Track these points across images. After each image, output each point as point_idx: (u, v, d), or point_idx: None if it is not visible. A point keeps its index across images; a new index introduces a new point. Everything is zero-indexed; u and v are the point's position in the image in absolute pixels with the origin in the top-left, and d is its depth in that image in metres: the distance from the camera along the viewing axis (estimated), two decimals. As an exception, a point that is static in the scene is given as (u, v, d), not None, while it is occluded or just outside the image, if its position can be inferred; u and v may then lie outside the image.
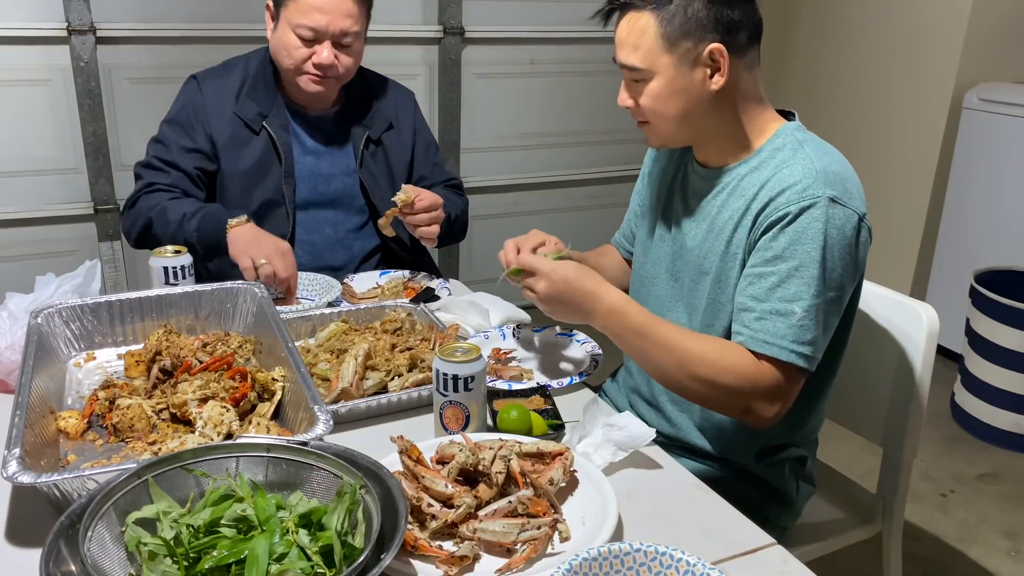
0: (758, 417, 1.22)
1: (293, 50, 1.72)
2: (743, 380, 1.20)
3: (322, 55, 1.71)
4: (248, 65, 1.84)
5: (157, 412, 1.17)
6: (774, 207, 1.21)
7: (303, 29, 1.69)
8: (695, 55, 1.23)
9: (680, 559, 0.83)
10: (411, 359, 1.34)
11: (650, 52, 1.24)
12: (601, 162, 3.63)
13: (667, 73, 1.25)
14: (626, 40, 1.27)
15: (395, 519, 0.84)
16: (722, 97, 1.27)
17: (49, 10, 2.64)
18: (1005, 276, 2.82)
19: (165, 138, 1.79)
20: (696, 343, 1.24)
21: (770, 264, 1.21)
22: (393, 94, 1.96)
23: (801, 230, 1.18)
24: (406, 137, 1.94)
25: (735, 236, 1.28)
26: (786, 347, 1.19)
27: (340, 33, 1.71)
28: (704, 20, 1.21)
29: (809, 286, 1.18)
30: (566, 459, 1.04)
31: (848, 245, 1.20)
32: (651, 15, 1.23)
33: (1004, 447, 2.75)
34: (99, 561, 0.80)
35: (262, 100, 1.81)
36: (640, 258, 1.51)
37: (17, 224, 2.80)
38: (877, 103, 3.47)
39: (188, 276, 1.50)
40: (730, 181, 1.31)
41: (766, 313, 1.20)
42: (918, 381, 1.46)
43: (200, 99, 1.80)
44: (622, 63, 1.29)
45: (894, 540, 1.56)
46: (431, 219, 1.71)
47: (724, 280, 1.30)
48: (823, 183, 1.19)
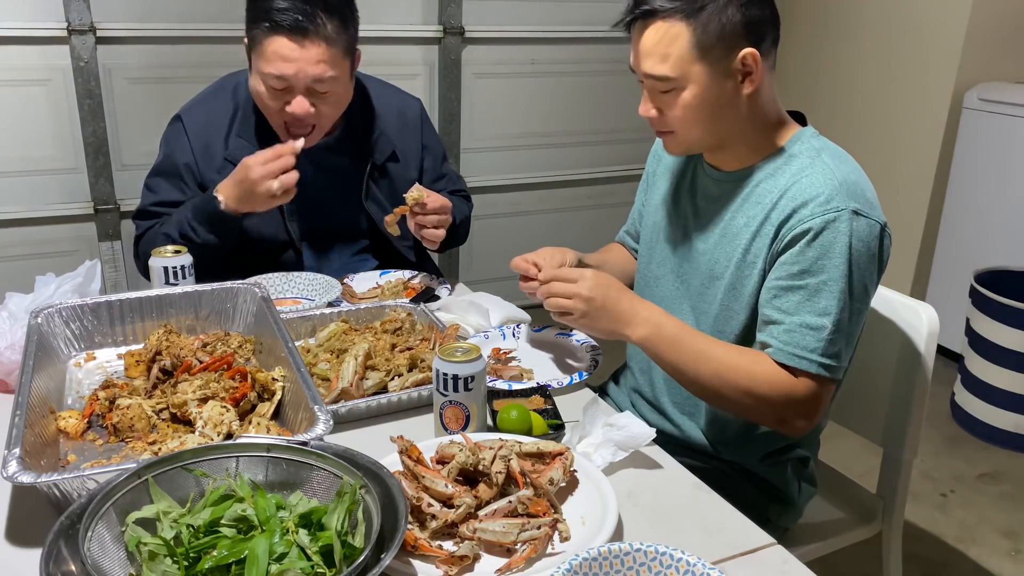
0: (793, 427, 1.25)
1: (266, 100, 1.59)
2: (776, 391, 1.21)
3: (295, 107, 1.57)
4: (237, 93, 1.72)
5: (157, 412, 1.17)
6: (797, 220, 1.21)
7: (271, 79, 1.55)
8: (728, 62, 1.21)
9: (680, 559, 0.83)
10: (411, 359, 1.34)
11: (681, 61, 1.20)
12: (601, 162, 3.63)
13: (700, 82, 1.21)
14: (654, 50, 1.22)
15: (395, 519, 0.84)
16: (748, 102, 1.25)
17: (49, 10, 2.64)
18: (1005, 276, 2.82)
19: (157, 188, 1.71)
20: (731, 354, 1.25)
21: (797, 278, 1.21)
22: (398, 106, 1.84)
23: (827, 244, 1.18)
24: (412, 159, 1.84)
25: (753, 245, 1.27)
26: (816, 360, 1.20)
27: (313, 80, 1.55)
28: (737, 26, 1.19)
29: (837, 299, 1.19)
30: (566, 459, 1.04)
31: (872, 255, 1.21)
32: (683, 23, 1.19)
33: (1004, 447, 2.75)
34: (99, 561, 0.80)
35: (253, 138, 1.69)
36: (645, 257, 1.50)
37: (17, 224, 2.81)
38: (877, 103, 3.47)
39: (188, 276, 1.50)
40: (745, 186, 1.31)
41: (796, 327, 1.21)
42: (918, 381, 1.46)
43: (186, 145, 1.69)
44: (649, 74, 1.23)
45: (894, 540, 1.56)
46: (439, 221, 1.63)
47: (739, 287, 1.30)
48: (845, 195, 1.19)
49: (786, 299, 1.22)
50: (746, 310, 1.30)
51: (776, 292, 1.23)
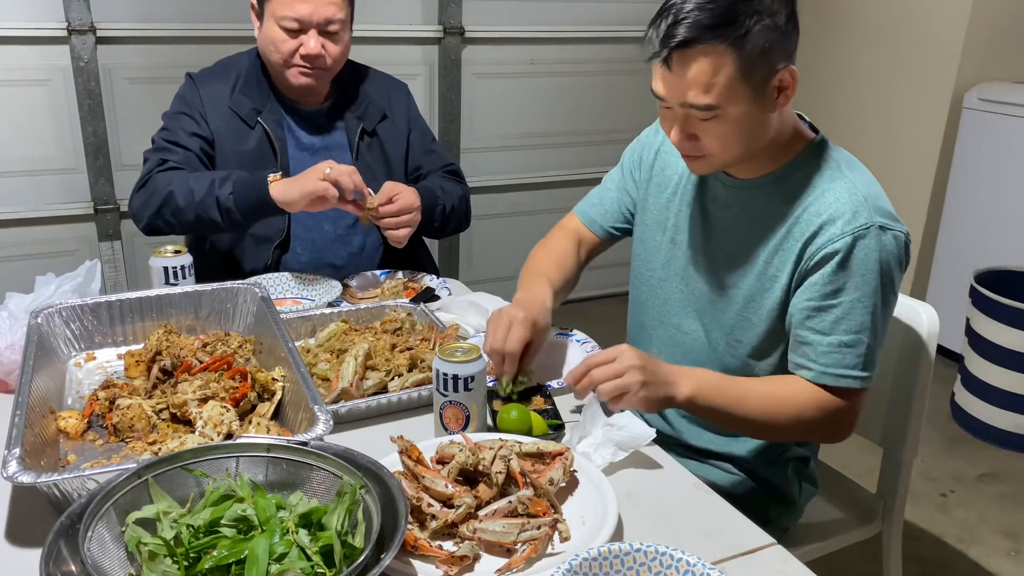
0: (838, 438, 1.28)
1: (280, 43, 1.73)
2: (823, 411, 1.23)
3: (309, 45, 1.71)
4: (240, 63, 1.85)
5: (157, 412, 1.17)
6: (826, 239, 1.20)
7: (287, 20, 1.70)
8: (769, 81, 1.16)
9: (680, 559, 0.83)
10: (411, 359, 1.34)
11: (727, 88, 1.13)
12: (601, 162, 3.62)
13: (743, 106, 1.16)
14: (696, 80, 1.13)
15: (395, 519, 0.84)
16: (778, 115, 1.22)
17: (49, 10, 2.64)
18: (1005, 276, 2.82)
19: (170, 124, 1.80)
20: (768, 386, 1.26)
21: (830, 298, 1.20)
22: (386, 85, 1.96)
23: (859, 263, 1.18)
24: (401, 127, 1.94)
25: (775, 259, 1.26)
26: (857, 376, 1.21)
27: (325, 21, 1.71)
28: (776, 44, 1.14)
29: (872, 314, 1.20)
30: (566, 459, 1.04)
31: (900, 265, 1.22)
32: (727, 49, 1.11)
33: (1004, 447, 2.74)
34: (99, 561, 0.80)
35: (256, 96, 1.81)
36: (641, 256, 1.47)
37: (17, 224, 2.81)
38: (877, 103, 3.47)
39: (188, 276, 1.50)
40: (760, 195, 1.28)
41: (834, 347, 1.21)
42: (918, 381, 1.46)
43: (197, 94, 1.80)
44: (691, 104, 1.15)
45: (894, 540, 1.56)
46: (397, 223, 1.68)
47: (758, 300, 1.29)
48: (871, 210, 1.19)
49: (820, 320, 1.21)
50: (765, 322, 1.29)
51: (809, 313, 1.22)
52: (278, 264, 1.81)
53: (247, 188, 1.63)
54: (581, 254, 1.55)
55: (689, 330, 1.38)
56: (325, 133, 1.87)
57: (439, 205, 1.81)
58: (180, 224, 1.68)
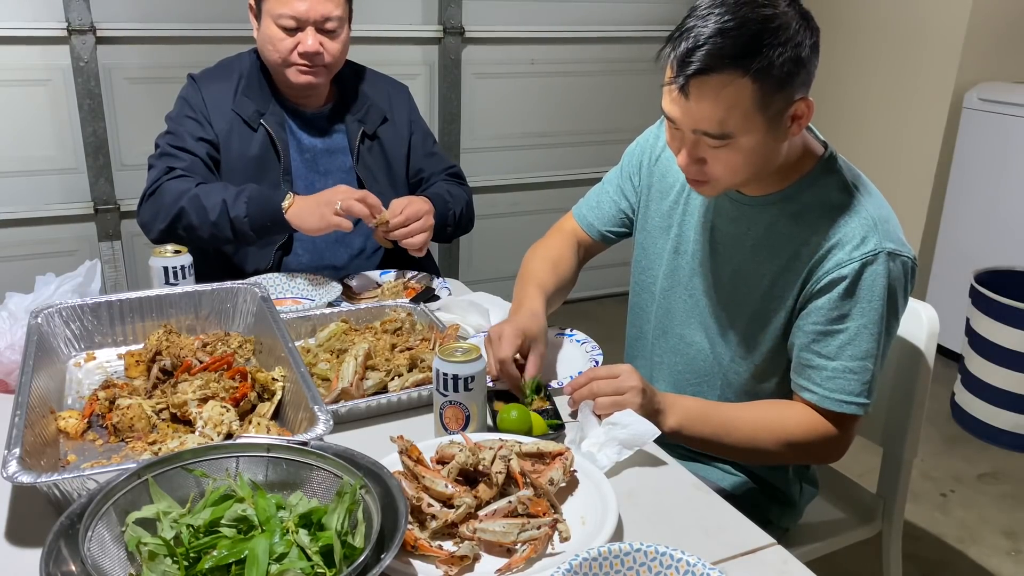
0: (830, 459, 1.30)
1: (278, 42, 1.72)
2: (813, 434, 1.24)
3: (307, 43, 1.71)
4: (241, 64, 1.85)
5: (157, 412, 1.17)
6: (834, 263, 1.19)
7: (284, 19, 1.70)
8: (786, 112, 1.13)
9: (680, 559, 0.83)
10: (411, 359, 1.34)
11: (743, 119, 1.10)
12: (601, 162, 3.62)
13: (756, 136, 1.12)
14: (713, 108, 1.09)
15: (395, 519, 0.84)
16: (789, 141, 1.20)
17: (49, 10, 2.64)
18: (1005, 276, 2.82)
19: (175, 128, 1.79)
20: (756, 412, 1.27)
21: (836, 323, 1.20)
22: (387, 88, 1.96)
23: (866, 289, 1.18)
24: (402, 130, 1.94)
25: (781, 279, 1.25)
26: (860, 403, 1.22)
27: (322, 18, 1.71)
28: (795, 73, 1.10)
29: (877, 340, 1.20)
30: (566, 459, 1.04)
31: (906, 289, 1.22)
32: (745, 78, 1.07)
33: (1004, 447, 2.74)
34: (99, 561, 0.80)
35: (258, 98, 1.81)
36: (643, 262, 1.47)
37: (17, 224, 2.81)
38: (877, 103, 3.47)
39: (188, 276, 1.50)
40: (768, 213, 1.27)
41: (838, 372, 1.21)
42: (918, 381, 1.46)
43: (200, 96, 1.80)
44: (705, 131, 1.12)
45: (894, 540, 1.56)
46: (409, 232, 1.65)
47: (765, 318, 1.28)
48: (880, 235, 1.18)
49: (825, 344, 1.21)
50: (771, 341, 1.29)
51: (814, 337, 1.22)
52: (279, 265, 1.82)
53: (262, 213, 1.63)
54: (579, 256, 1.55)
55: (693, 341, 1.38)
56: (326, 136, 1.87)
57: (450, 211, 1.82)
58: (192, 240, 1.67)
